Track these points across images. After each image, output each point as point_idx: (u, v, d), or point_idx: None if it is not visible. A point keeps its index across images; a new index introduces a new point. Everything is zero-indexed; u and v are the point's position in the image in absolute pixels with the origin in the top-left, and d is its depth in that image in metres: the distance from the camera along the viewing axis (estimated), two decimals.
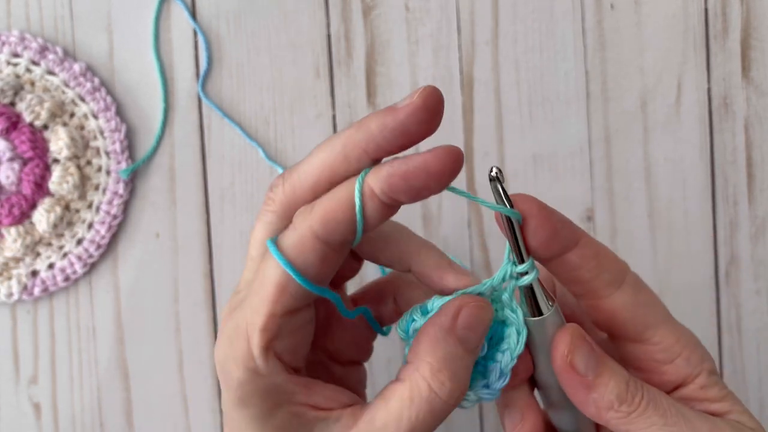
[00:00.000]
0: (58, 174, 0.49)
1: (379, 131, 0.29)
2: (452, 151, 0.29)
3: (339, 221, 0.30)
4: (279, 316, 0.30)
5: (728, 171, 0.52)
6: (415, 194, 0.29)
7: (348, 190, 0.30)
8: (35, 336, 0.51)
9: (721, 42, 0.52)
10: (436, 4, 0.52)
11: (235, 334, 0.31)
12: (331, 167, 0.30)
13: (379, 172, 0.29)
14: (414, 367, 0.30)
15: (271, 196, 0.32)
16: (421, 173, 0.29)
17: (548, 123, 0.52)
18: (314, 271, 0.30)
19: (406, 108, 0.29)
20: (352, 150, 0.30)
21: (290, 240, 0.30)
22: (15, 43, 0.50)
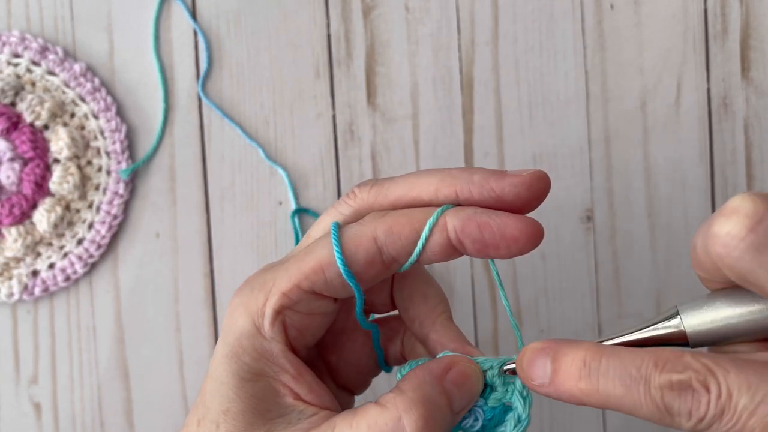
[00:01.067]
0: (58, 174, 0.49)
1: (479, 185, 0.30)
2: (533, 225, 0.30)
3: (402, 236, 0.30)
4: (304, 289, 0.31)
5: (728, 171, 0.53)
6: (482, 248, 0.30)
7: (424, 213, 0.30)
8: (35, 336, 0.51)
9: (720, 42, 0.53)
10: (436, 4, 0.52)
11: (259, 287, 0.31)
12: (420, 191, 0.31)
13: (460, 212, 0.30)
14: (393, 396, 0.30)
15: (356, 191, 0.33)
16: (497, 231, 0.30)
17: (548, 123, 0.52)
18: (357, 268, 0.31)
19: (513, 179, 0.30)
20: (445, 186, 0.31)
21: (352, 231, 0.31)
22: (15, 43, 0.50)
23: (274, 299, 0.31)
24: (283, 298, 0.31)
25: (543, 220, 0.52)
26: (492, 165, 0.52)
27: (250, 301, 0.31)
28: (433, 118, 0.52)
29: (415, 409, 0.29)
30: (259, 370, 0.31)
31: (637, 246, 0.52)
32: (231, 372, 0.31)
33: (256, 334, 0.31)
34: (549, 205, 0.52)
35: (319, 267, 0.31)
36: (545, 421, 0.52)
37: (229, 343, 0.31)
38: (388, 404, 0.29)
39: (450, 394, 0.30)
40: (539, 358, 0.30)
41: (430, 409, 0.29)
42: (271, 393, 0.31)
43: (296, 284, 0.31)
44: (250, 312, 0.31)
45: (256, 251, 0.51)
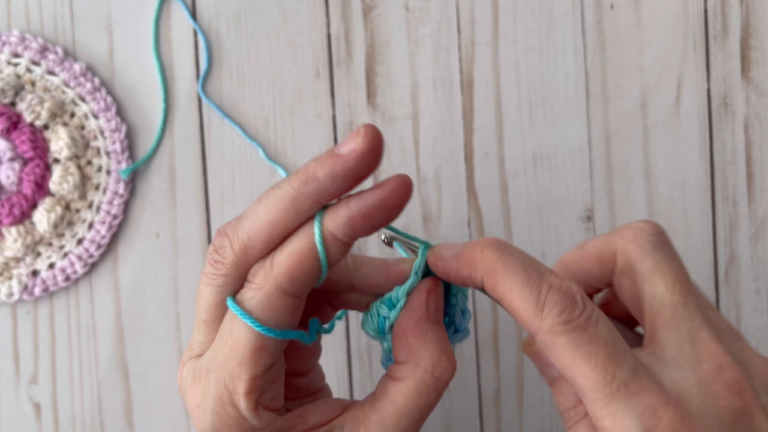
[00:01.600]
0: (58, 174, 0.49)
1: (331, 181, 0.29)
2: (404, 182, 0.30)
3: (305, 273, 0.30)
4: (260, 376, 0.30)
5: (728, 171, 0.53)
6: (375, 229, 0.30)
7: (308, 242, 0.30)
8: (35, 336, 0.51)
9: (720, 42, 0.53)
10: (436, 4, 0.52)
11: (220, 405, 0.30)
12: (283, 223, 0.30)
13: (337, 215, 0.30)
14: (414, 364, 0.31)
15: (218, 259, 0.31)
16: (380, 211, 0.30)
17: (548, 123, 0.52)
18: (287, 325, 0.30)
19: (353, 154, 0.29)
20: (303, 203, 0.30)
21: (256, 300, 0.30)
22: (15, 43, 0.50)
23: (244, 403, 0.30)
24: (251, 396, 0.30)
25: (543, 219, 0.52)
26: (492, 165, 0.52)
27: (226, 422, 0.31)
28: (433, 118, 0.52)
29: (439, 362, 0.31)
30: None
31: None
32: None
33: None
34: (550, 205, 0.52)
35: (256, 351, 0.30)
36: (545, 421, 0.52)
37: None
38: (416, 374, 0.31)
39: (438, 319, 0.32)
40: (453, 246, 0.31)
41: (444, 346, 0.31)
42: None
43: (251, 378, 0.30)
44: (233, 427, 0.31)
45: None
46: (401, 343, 0.32)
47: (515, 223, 0.52)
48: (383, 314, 0.33)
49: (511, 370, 0.52)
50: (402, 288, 0.32)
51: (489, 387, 0.52)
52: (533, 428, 0.52)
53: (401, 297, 0.32)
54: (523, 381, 0.52)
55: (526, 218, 0.52)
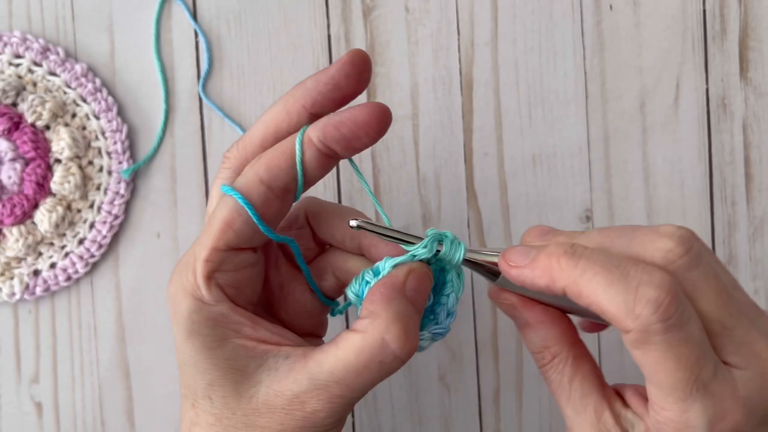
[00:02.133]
0: (59, 174, 0.49)
1: (314, 86, 0.33)
2: (378, 106, 0.33)
3: (281, 167, 0.33)
4: (222, 249, 0.33)
5: (726, 171, 0.53)
6: (347, 143, 0.33)
7: (290, 141, 0.33)
8: (37, 335, 0.51)
9: (719, 43, 0.53)
10: (436, 5, 0.52)
11: (184, 268, 0.34)
12: (276, 123, 0.34)
13: (317, 123, 0.33)
14: (369, 320, 0.32)
15: (226, 155, 0.35)
16: (350, 123, 0.33)
17: (547, 123, 0.52)
18: (258, 212, 0.33)
19: (336, 64, 0.33)
20: (292, 106, 0.34)
21: (239, 184, 0.33)
22: (17, 44, 0.50)
23: (200, 268, 0.33)
24: (207, 264, 0.33)
25: (542, 219, 0.52)
26: (491, 165, 0.52)
27: (182, 284, 0.33)
28: (433, 118, 0.52)
29: (393, 327, 0.31)
30: (221, 336, 0.33)
31: None
32: (197, 348, 0.33)
33: (201, 306, 0.33)
34: (549, 205, 0.52)
35: (225, 224, 0.33)
36: (544, 420, 0.52)
37: (183, 326, 0.33)
38: (368, 329, 0.32)
39: (413, 301, 0.33)
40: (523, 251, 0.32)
41: (406, 321, 0.32)
42: (240, 350, 0.33)
43: (213, 247, 0.33)
44: (187, 290, 0.33)
45: None
46: (367, 301, 0.33)
47: (514, 223, 0.52)
48: (368, 278, 0.34)
49: (511, 370, 0.52)
50: (392, 260, 0.34)
51: (488, 386, 0.52)
52: (533, 427, 0.52)
53: (388, 267, 0.34)
54: (523, 380, 0.52)
55: (525, 218, 0.52)
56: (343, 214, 0.37)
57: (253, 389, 0.33)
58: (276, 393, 0.32)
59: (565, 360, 0.33)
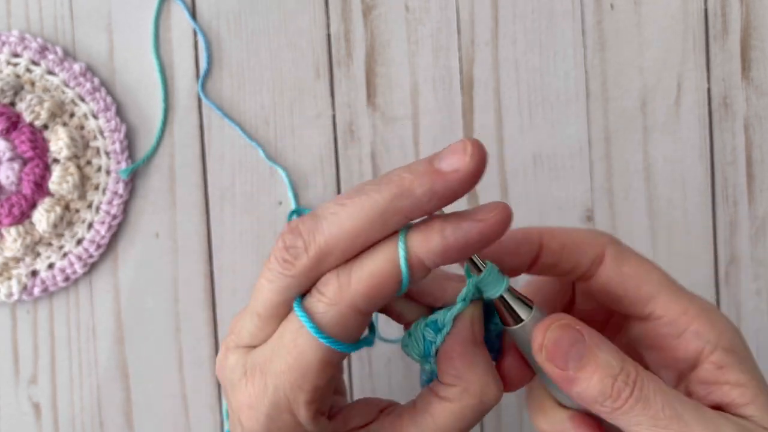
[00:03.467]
0: (58, 174, 0.49)
1: (428, 200, 0.27)
2: (508, 215, 0.28)
3: (384, 296, 0.28)
4: (323, 387, 0.30)
5: (728, 171, 0.53)
6: (462, 257, 0.29)
7: (392, 264, 0.27)
8: (35, 336, 0.51)
9: (720, 42, 0.53)
10: (436, 5, 0.52)
11: (276, 411, 0.29)
12: (367, 236, 0.28)
13: (430, 241, 0.27)
14: (462, 389, 0.30)
15: (289, 260, 0.28)
16: (478, 245, 0.28)
17: (548, 123, 0.52)
18: (356, 337, 0.29)
19: (457, 175, 0.27)
20: (392, 218, 0.27)
21: (328, 316, 0.28)
22: (15, 43, 0.50)
23: (304, 412, 0.29)
24: (312, 406, 0.30)
25: (543, 220, 0.52)
26: (492, 165, 0.52)
27: (280, 426, 0.30)
28: (433, 118, 0.52)
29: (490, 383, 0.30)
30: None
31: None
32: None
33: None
34: (549, 205, 0.52)
35: (324, 364, 0.29)
36: None
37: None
38: (462, 398, 0.30)
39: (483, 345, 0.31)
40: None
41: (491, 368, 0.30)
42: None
43: (314, 389, 0.29)
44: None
45: (255, 251, 0.51)
46: (448, 367, 0.30)
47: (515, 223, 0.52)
48: (429, 338, 0.31)
49: None
50: (450, 312, 0.31)
51: None
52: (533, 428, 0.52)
53: (447, 322, 0.31)
54: None
55: (526, 218, 0.52)
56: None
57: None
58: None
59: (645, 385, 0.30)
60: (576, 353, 0.29)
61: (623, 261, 0.31)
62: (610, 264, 0.31)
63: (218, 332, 0.51)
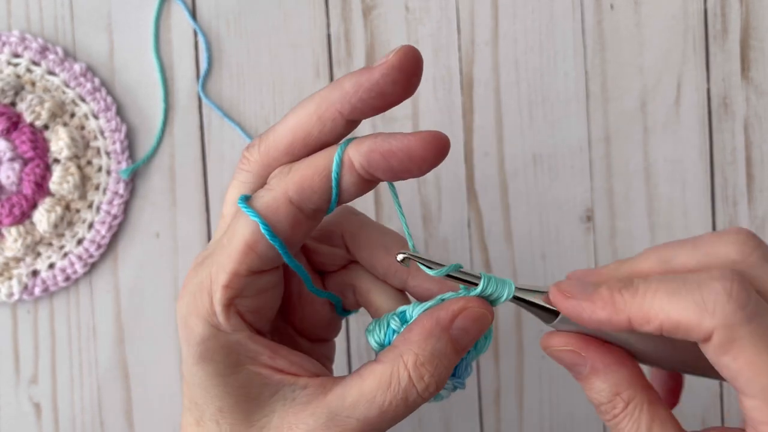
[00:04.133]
0: (58, 174, 0.49)
1: (354, 91, 0.29)
2: (438, 138, 0.29)
3: (315, 189, 0.30)
4: (243, 275, 0.30)
5: (728, 171, 0.53)
6: (393, 175, 0.29)
7: (327, 159, 0.30)
8: (35, 336, 0.51)
9: (720, 42, 0.53)
10: (436, 4, 0.52)
11: (198, 290, 0.31)
12: (306, 128, 0.30)
13: (361, 145, 0.29)
14: (399, 352, 0.30)
15: (246, 155, 0.32)
16: (402, 155, 0.29)
17: (548, 123, 0.52)
18: (284, 235, 0.30)
19: (381, 67, 0.29)
20: (326, 110, 0.30)
21: (264, 200, 0.30)
22: (15, 43, 0.50)
23: (219, 295, 0.30)
24: (227, 291, 0.30)
25: (543, 219, 0.52)
26: (492, 165, 0.52)
27: (197, 308, 0.30)
28: (433, 118, 0.52)
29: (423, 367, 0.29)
30: (235, 362, 0.31)
31: (637, 246, 0.52)
32: (208, 374, 0.31)
33: (217, 334, 0.30)
34: (549, 205, 0.52)
35: (248, 247, 0.30)
36: (545, 421, 0.52)
37: (195, 350, 0.31)
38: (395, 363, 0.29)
39: (457, 341, 0.30)
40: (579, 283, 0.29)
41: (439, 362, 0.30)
42: (255, 377, 0.31)
43: (233, 272, 0.30)
44: (202, 315, 0.30)
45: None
46: (405, 331, 0.31)
47: (515, 223, 0.52)
48: (394, 326, 0.31)
49: (511, 370, 0.52)
50: (420, 306, 0.31)
51: (489, 387, 0.52)
52: (533, 428, 0.52)
53: (416, 315, 0.31)
54: (523, 381, 0.52)
55: (525, 218, 0.52)
56: (387, 244, 0.33)
57: (265, 419, 0.31)
58: (289, 425, 0.30)
59: (641, 406, 0.29)
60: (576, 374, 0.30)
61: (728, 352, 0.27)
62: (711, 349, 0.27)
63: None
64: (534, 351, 0.52)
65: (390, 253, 0.33)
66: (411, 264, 0.31)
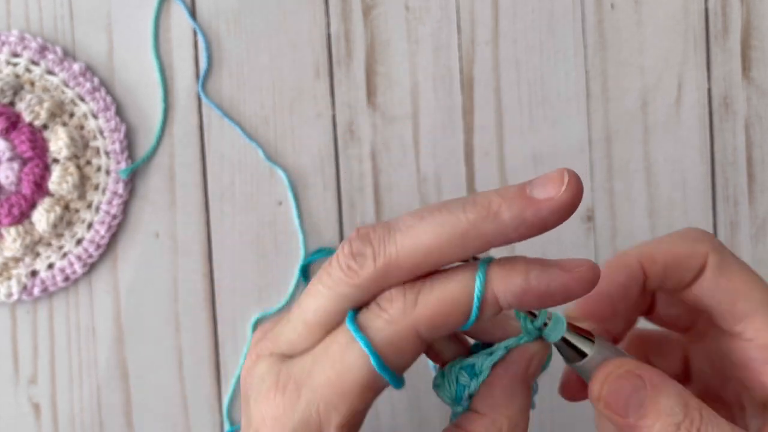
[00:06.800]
0: (57, 174, 0.49)
1: (515, 227, 0.25)
2: (596, 274, 0.26)
3: (448, 325, 0.26)
4: (361, 411, 0.27)
5: (728, 171, 0.52)
6: (541, 306, 0.27)
7: (466, 295, 0.26)
8: (35, 336, 0.51)
9: (721, 42, 0.52)
10: (436, 4, 0.52)
11: (304, 428, 0.27)
12: (442, 254, 0.26)
13: (511, 281, 0.26)
14: (491, 420, 0.28)
15: (354, 267, 0.26)
16: (560, 297, 0.26)
17: (548, 123, 0.52)
18: (405, 367, 0.27)
19: (551, 204, 0.25)
20: (474, 241, 0.25)
21: (385, 334, 0.26)
22: (14, 42, 0.50)
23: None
24: (343, 430, 0.27)
25: None
26: (492, 165, 0.52)
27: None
28: (433, 118, 0.52)
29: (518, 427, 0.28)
30: None
31: None
32: None
33: None
34: None
35: (366, 387, 0.26)
36: (545, 420, 0.52)
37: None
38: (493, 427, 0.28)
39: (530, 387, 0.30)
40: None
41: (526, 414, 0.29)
42: None
43: (351, 413, 0.26)
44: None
45: (255, 251, 0.51)
46: (486, 395, 0.28)
47: None
48: (463, 382, 0.29)
49: None
50: (489, 359, 0.29)
51: None
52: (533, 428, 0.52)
53: (486, 369, 0.29)
54: None
55: None
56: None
57: None
58: None
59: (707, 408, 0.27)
60: (637, 401, 0.28)
61: (724, 272, 0.29)
62: (709, 275, 0.29)
63: (218, 332, 0.51)
64: None
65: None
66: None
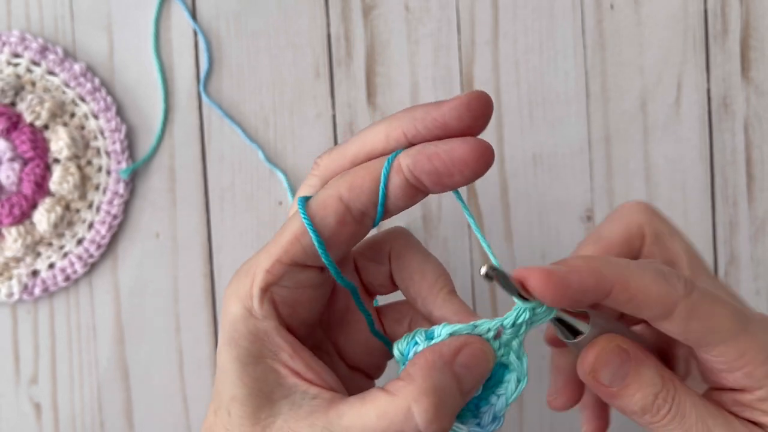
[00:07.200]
0: (58, 174, 0.49)
1: (421, 118, 0.31)
2: (479, 144, 0.31)
3: (364, 188, 0.31)
4: (285, 263, 0.31)
5: (728, 171, 0.53)
6: (438, 179, 0.30)
7: (379, 163, 0.31)
8: (35, 336, 0.51)
9: (720, 42, 0.53)
10: (436, 4, 0.52)
11: (244, 273, 0.32)
12: (372, 143, 0.32)
13: (410, 150, 0.31)
14: (403, 384, 0.29)
15: (317, 161, 0.34)
16: (445, 157, 0.30)
17: (548, 123, 0.52)
18: (329, 231, 0.31)
19: (451, 102, 0.31)
20: (393, 130, 0.32)
21: (317, 197, 0.32)
22: (15, 43, 0.50)
23: (259, 278, 0.31)
24: (267, 276, 0.31)
25: (543, 219, 0.52)
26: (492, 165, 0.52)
27: (238, 287, 0.32)
28: None
29: (425, 398, 0.28)
30: (257, 353, 0.31)
31: None
32: (231, 358, 0.31)
33: (249, 317, 0.31)
34: (549, 205, 0.52)
35: (294, 237, 0.31)
36: (545, 421, 0.52)
37: (227, 331, 0.32)
38: (398, 392, 0.29)
39: (460, 379, 0.30)
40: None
41: (441, 396, 0.29)
42: (272, 374, 0.31)
43: (276, 259, 0.31)
44: (240, 297, 0.31)
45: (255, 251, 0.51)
46: (410, 363, 0.30)
47: (515, 223, 0.52)
48: (417, 339, 0.31)
49: None
50: (450, 327, 0.30)
51: None
52: (533, 428, 0.52)
53: (444, 334, 0.30)
54: None
55: (526, 218, 0.52)
56: (425, 270, 0.33)
57: (271, 419, 0.30)
58: (290, 430, 0.30)
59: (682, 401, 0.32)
60: (621, 372, 0.32)
61: (693, 317, 0.31)
62: (677, 320, 0.31)
63: (218, 332, 0.51)
64: (534, 351, 0.52)
65: (425, 278, 0.33)
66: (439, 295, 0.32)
